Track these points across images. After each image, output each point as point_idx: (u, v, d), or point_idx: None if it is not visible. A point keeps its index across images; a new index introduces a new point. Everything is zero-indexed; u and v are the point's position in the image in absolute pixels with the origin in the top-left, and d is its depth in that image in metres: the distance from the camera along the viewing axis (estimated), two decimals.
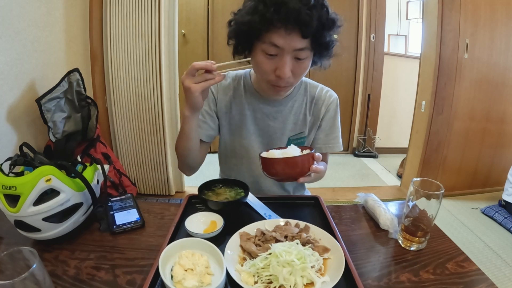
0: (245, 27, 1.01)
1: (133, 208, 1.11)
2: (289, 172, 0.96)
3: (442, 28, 2.98)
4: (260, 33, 1.00)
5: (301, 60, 1.03)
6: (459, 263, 0.90)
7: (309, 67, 1.09)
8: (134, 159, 3.07)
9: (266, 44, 1.00)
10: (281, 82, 1.07)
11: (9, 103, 1.85)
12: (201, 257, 0.78)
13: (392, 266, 0.88)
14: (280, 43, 0.98)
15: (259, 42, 1.03)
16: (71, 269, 0.83)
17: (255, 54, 1.06)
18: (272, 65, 1.04)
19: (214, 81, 0.98)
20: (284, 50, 0.99)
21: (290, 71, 1.03)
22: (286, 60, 1.01)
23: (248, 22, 0.99)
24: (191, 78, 0.97)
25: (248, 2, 1.01)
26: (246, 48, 1.10)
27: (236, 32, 1.07)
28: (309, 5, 0.92)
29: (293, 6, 0.91)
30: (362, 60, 4.49)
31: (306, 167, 0.95)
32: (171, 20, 2.79)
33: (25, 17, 1.95)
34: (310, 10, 0.92)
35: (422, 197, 0.91)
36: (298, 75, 1.08)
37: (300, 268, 0.74)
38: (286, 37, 0.96)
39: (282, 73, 1.02)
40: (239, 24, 1.04)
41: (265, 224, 0.96)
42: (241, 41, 1.08)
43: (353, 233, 1.04)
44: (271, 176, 0.99)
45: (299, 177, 0.96)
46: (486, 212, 3.05)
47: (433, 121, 3.19)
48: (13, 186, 0.81)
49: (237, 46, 1.10)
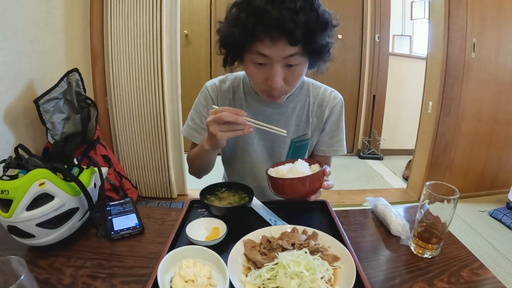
0: (230, 39, 0.98)
1: (132, 213, 1.07)
2: (300, 192, 0.93)
3: (449, 28, 2.94)
4: (245, 44, 0.96)
5: (293, 67, 0.99)
6: (474, 270, 0.86)
7: (303, 73, 1.05)
8: (135, 161, 3.04)
9: (254, 54, 0.96)
10: (274, 92, 1.04)
11: (6, 104, 1.82)
12: (203, 267, 0.74)
13: (404, 275, 0.84)
14: (267, 52, 0.93)
15: (247, 52, 0.99)
16: (66, 277, 0.80)
17: (246, 64, 1.03)
18: (263, 74, 1.00)
19: (242, 132, 0.94)
20: (273, 59, 0.95)
21: (281, 80, 0.99)
22: (276, 69, 0.97)
23: (232, 35, 0.95)
24: (218, 126, 0.93)
25: (231, 9, 0.98)
26: (235, 59, 1.06)
27: (223, 43, 1.03)
28: (294, 10, 0.86)
29: (276, 14, 0.86)
30: (367, 60, 4.46)
31: (318, 185, 0.93)
32: (173, 20, 2.77)
33: (23, 16, 1.93)
34: (295, 15, 0.86)
35: (436, 201, 0.87)
36: (292, 83, 1.04)
37: (310, 280, 0.69)
38: (272, 46, 0.92)
39: (273, 83, 0.98)
40: (224, 37, 1.01)
41: (271, 231, 0.92)
42: (229, 51, 1.05)
43: (363, 240, 1.00)
44: (280, 195, 0.96)
45: (309, 195, 0.94)
46: (494, 215, 3.01)
47: (440, 122, 3.15)
48: (5, 190, 0.78)
49: (226, 57, 1.07)
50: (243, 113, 0.92)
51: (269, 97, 1.08)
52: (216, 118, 0.91)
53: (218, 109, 0.93)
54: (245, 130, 0.94)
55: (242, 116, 0.92)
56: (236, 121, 0.91)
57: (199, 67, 4.30)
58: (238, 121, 0.91)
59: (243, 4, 0.92)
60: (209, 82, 1.29)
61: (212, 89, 1.27)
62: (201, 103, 1.28)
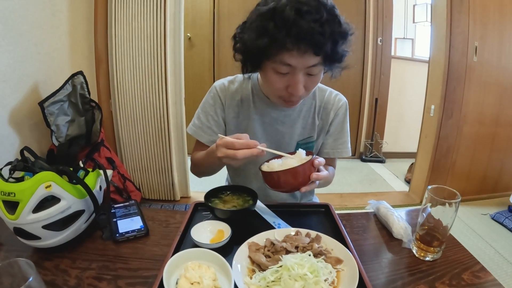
0: (254, 48, 0.96)
1: (137, 215, 1.08)
2: (290, 183, 0.93)
3: (451, 31, 2.94)
4: (270, 54, 0.95)
5: (313, 76, 1.00)
6: (475, 273, 0.87)
7: (320, 80, 1.06)
8: (139, 163, 3.04)
9: (277, 63, 0.96)
10: (294, 98, 1.05)
11: (11, 106, 1.83)
12: (208, 269, 0.75)
13: (406, 277, 0.85)
14: (292, 62, 0.94)
15: (269, 61, 0.98)
16: (72, 279, 0.81)
17: (266, 72, 1.03)
18: (284, 82, 1.01)
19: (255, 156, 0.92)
20: (297, 69, 0.96)
21: (303, 87, 1.00)
22: (299, 78, 0.98)
23: (257, 44, 0.93)
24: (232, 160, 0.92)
25: (255, 18, 0.96)
26: (256, 67, 1.06)
27: (243, 51, 1.03)
28: (321, 21, 0.87)
29: (306, 26, 0.86)
30: (369, 63, 4.45)
31: (307, 176, 0.92)
32: (177, 23, 2.78)
33: (29, 19, 1.94)
34: (322, 27, 0.87)
35: (438, 205, 0.87)
36: (310, 89, 1.05)
37: (313, 282, 0.70)
38: (299, 57, 0.92)
39: (295, 91, 0.99)
40: (246, 45, 0.99)
41: (275, 234, 0.93)
42: (249, 60, 1.04)
43: (366, 243, 1.00)
44: (273, 188, 0.97)
45: (301, 187, 0.93)
46: (496, 218, 3.00)
47: (442, 125, 3.15)
48: (12, 193, 0.79)
49: (245, 63, 1.06)
50: (254, 143, 0.91)
51: (287, 103, 1.09)
52: (230, 156, 0.90)
53: (228, 142, 0.91)
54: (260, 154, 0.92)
55: (255, 148, 0.91)
56: (252, 155, 0.90)
57: (202, 70, 4.31)
58: (254, 154, 0.90)
59: (268, 13, 0.91)
60: (218, 82, 1.30)
61: (221, 89, 1.27)
62: (209, 103, 1.28)
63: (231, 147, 0.91)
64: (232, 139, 0.92)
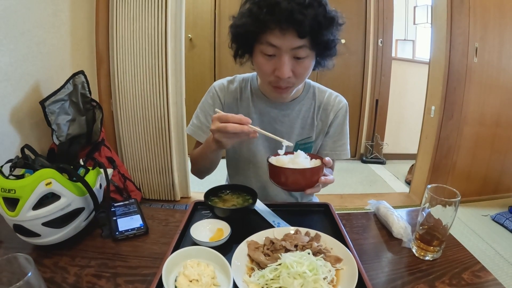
0: (242, 30, 1.02)
1: (137, 214, 1.07)
2: (297, 183, 0.93)
3: (452, 32, 2.94)
4: (256, 35, 1.00)
5: (300, 59, 1.02)
6: (475, 273, 0.87)
7: (311, 67, 1.07)
8: (139, 163, 3.05)
9: (264, 44, 1.00)
10: (282, 82, 1.06)
11: (12, 105, 1.83)
12: (207, 267, 0.75)
13: (406, 276, 0.85)
14: (276, 42, 0.97)
15: (257, 43, 1.03)
16: (71, 276, 0.81)
17: (255, 56, 1.07)
18: (271, 65, 1.03)
19: (247, 137, 0.93)
20: (282, 50, 0.98)
21: (290, 71, 1.02)
22: (285, 60, 1.00)
23: (244, 25, 1.00)
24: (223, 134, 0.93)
25: (244, 5, 1.02)
26: (246, 51, 1.10)
27: (234, 35, 1.08)
28: (303, 5, 0.92)
29: (286, 6, 0.91)
30: (370, 65, 4.45)
31: (315, 179, 0.93)
32: (178, 24, 2.78)
33: (30, 18, 1.94)
34: (304, 8, 0.91)
35: (437, 204, 0.87)
36: (300, 75, 1.06)
37: (312, 280, 0.70)
38: (281, 37, 0.96)
39: (281, 73, 1.01)
40: (236, 27, 1.05)
41: (274, 233, 0.92)
42: (240, 44, 1.09)
43: (365, 242, 1.00)
44: (278, 184, 0.96)
45: (307, 189, 0.93)
46: (497, 219, 3.00)
47: (442, 127, 3.15)
48: (12, 189, 0.79)
49: (237, 49, 1.11)
50: (247, 120, 0.92)
51: (276, 89, 1.10)
52: (221, 128, 0.91)
53: (222, 116, 0.92)
54: (251, 135, 0.93)
55: (247, 125, 0.91)
56: (242, 131, 0.90)
57: (203, 71, 4.30)
58: (244, 131, 0.90)
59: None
60: (217, 82, 1.30)
61: (220, 89, 1.28)
62: (208, 102, 1.29)
63: (225, 120, 0.91)
64: (227, 113, 0.93)
